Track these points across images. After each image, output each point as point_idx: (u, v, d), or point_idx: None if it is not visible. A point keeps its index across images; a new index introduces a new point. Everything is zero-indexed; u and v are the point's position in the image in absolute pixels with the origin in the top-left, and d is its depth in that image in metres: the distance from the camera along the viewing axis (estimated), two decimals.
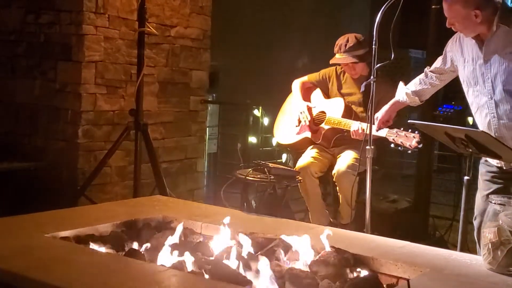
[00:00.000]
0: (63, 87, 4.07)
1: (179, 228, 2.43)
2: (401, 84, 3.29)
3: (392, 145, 3.48)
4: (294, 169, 3.92)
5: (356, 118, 3.88)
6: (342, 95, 4.06)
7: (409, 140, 3.37)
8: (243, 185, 3.53)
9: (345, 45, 3.92)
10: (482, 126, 2.83)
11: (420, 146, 3.40)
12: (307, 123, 4.09)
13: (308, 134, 4.11)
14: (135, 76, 3.91)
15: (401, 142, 3.40)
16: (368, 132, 3.17)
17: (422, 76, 3.20)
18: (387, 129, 3.45)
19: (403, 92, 3.23)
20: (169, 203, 3.21)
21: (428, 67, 3.19)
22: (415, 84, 3.22)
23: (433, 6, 4.34)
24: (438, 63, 3.12)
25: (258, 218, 2.96)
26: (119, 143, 3.83)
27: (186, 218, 2.74)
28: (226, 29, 6.77)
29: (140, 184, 3.83)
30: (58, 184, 4.05)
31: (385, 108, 3.34)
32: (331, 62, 4.05)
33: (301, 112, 4.14)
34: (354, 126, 3.74)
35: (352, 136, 3.76)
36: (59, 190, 3.99)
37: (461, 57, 2.90)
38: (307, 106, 4.13)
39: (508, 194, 2.64)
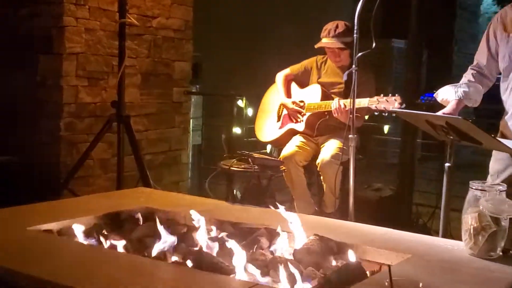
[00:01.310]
0: (44, 80, 4.04)
1: (163, 219, 2.43)
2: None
3: (376, 113, 3.54)
4: (279, 158, 3.93)
5: None
6: (322, 85, 4.07)
7: (391, 103, 3.47)
8: (228, 175, 3.54)
9: (335, 30, 3.93)
10: None
11: (403, 106, 3.44)
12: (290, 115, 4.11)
13: (291, 125, 4.12)
14: (116, 68, 3.88)
15: (384, 107, 3.47)
16: (350, 121, 3.19)
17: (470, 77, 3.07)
18: (368, 98, 3.51)
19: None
20: (153, 194, 3.20)
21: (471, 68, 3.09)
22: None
23: None
24: (481, 55, 3.04)
25: (243, 208, 2.95)
26: (102, 135, 3.80)
27: (171, 209, 2.73)
28: (209, 19, 6.74)
29: (123, 176, 3.81)
30: (40, 177, 4.02)
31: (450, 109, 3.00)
32: (317, 46, 4.04)
33: (280, 106, 4.18)
34: (334, 103, 3.76)
35: (334, 115, 3.77)
36: (42, 184, 3.96)
37: (504, 32, 2.89)
38: (285, 98, 4.15)
39: None
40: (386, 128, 6.23)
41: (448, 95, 2.98)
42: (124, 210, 2.68)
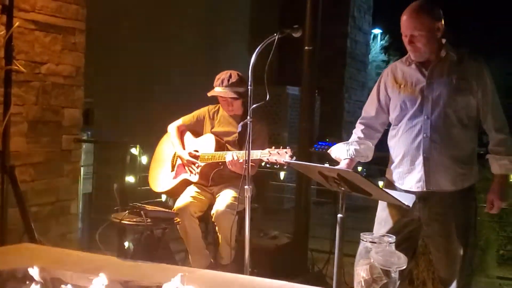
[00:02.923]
0: None
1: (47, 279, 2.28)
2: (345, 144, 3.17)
3: (268, 165, 3.58)
4: (173, 209, 3.84)
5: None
6: (216, 135, 4.06)
7: (282, 156, 3.51)
8: (119, 229, 3.40)
9: (228, 80, 3.95)
10: (406, 147, 2.97)
11: (294, 158, 3.50)
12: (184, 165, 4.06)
13: (185, 175, 4.07)
14: (2, 116, 3.67)
15: (276, 160, 3.50)
16: (246, 171, 3.18)
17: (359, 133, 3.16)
18: (260, 150, 3.54)
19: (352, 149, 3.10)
20: (38, 251, 3.02)
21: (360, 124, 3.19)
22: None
23: (306, 47, 4.50)
24: (370, 107, 3.16)
25: (134, 265, 2.84)
26: None
27: (56, 267, 2.57)
28: (102, 65, 6.61)
29: (7, 230, 3.58)
30: None
31: (343, 167, 3.09)
32: (209, 94, 4.05)
33: (173, 157, 4.14)
34: (228, 156, 3.76)
35: (228, 167, 3.77)
36: None
37: (396, 84, 3.03)
38: (180, 150, 4.10)
39: None
40: (282, 175, 6.31)
41: (340, 154, 3.09)
42: (6, 269, 2.50)
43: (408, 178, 3.00)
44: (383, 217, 3.09)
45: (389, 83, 3.09)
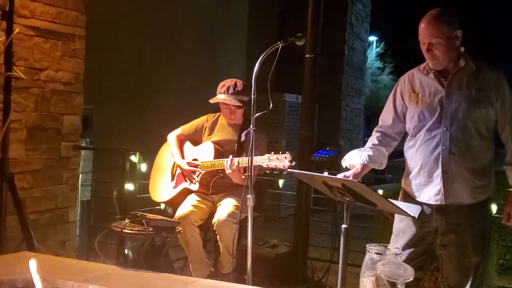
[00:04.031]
0: None
1: None
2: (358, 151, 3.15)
3: (268, 171, 3.56)
4: (174, 218, 3.81)
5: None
6: (215, 143, 4.03)
7: (282, 161, 3.47)
8: (119, 237, 3.36)
9: (234, 88, 3.93)
10: (424, 158, 2.94)
11: (293, 164, 3.48)
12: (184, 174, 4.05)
13: (185, 184, 4.04)
14: (1, 123, 3.64)
15: (275, 165, 3.47)
16: (248, 181, 3.16)
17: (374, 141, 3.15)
18: (259, 156, 3.51)
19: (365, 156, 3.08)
20: (38, 260, 2.98)
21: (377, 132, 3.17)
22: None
23: (306, 55, 4.49)
24: (387, 115, 3.13)
25: (136, 274, 2.81)
26: None
27: (56, 276, 2.54)
28: (102, 72, 6.59)
29: (5, 238, 3.55)
30: None
31: (352, 172, 3.08)
32: (212, 101, 4.02)
33: (173, 165, 4.11)
34: (227, 161, 3.73)
35: (226, 171, 3.74)
36: None
37: (413, 93, 3.00)
38: (180, 160, 4.08)
39: None
40: (281, 182, 6.29)
41: (353, 160, 3.07)
42: (5, 279, 2.46)
43: (425, 190, 2.98)
44: (400, 229, 3.06)
45: (406, 92, 3.06)
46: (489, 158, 2.98)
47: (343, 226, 2.59)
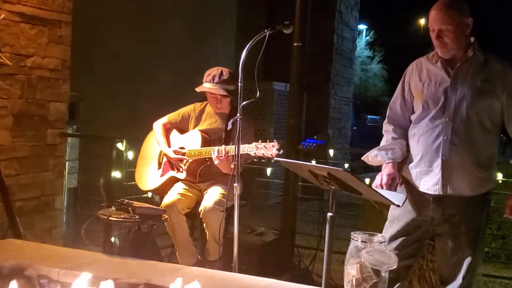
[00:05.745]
0: None
1: (33, 276, 2.25)
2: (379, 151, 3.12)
3: (255, 159, 3.57)
4: (161, 206, 3.81)
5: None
6: (202, 131, 4.02)
7: (270, 150, 3.47)
8: (106, 225, 3.36)
9: (219, 77, 3.91)
10: (425, 148, 2.93)
11: (281, 152, 3.48)
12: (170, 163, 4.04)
13: (172, 173, 4.04)
14: None
15: (263, 154, 3.48)
16: (234, 168, 3.17)
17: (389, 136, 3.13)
18: (247, 144, 3.51)
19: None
20: (23, 247, 2.98)
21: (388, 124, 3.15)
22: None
23: (295, 44, 4.48)
24: (396, 104, 3.12)
25: (122, 261, 2.82)
26: None
27: (42, 264, 2.54)
28: (89, 58, 6.55)
29: None
30: None
31: (389, 172, 3.01)
32: (198, 89, 4.00)
33: (160, 153, 4.10)
34: (215, 151, 3.73)
35: (214, 162, 3.74)
36: None
37: (420, 82, 2.99)
38: (166, 148, 4.07)
39: None
40: (268, 171, 6.31)
41: (380, 158, 3.06)
42: None
43: (424, 180, 2.97)
44: (395, 215, 3.06)
45: (412, 80, 3.05)
46: (492, 151, 2.96)
47: (329, 214, 2.59)
